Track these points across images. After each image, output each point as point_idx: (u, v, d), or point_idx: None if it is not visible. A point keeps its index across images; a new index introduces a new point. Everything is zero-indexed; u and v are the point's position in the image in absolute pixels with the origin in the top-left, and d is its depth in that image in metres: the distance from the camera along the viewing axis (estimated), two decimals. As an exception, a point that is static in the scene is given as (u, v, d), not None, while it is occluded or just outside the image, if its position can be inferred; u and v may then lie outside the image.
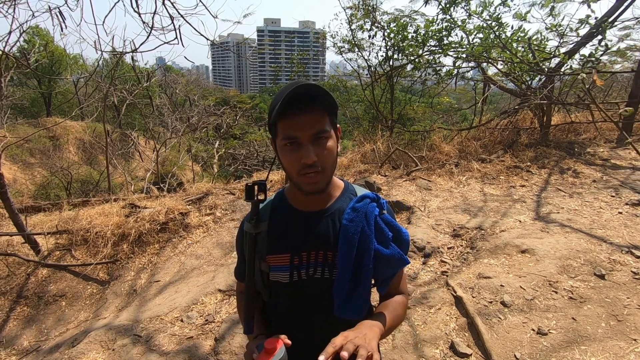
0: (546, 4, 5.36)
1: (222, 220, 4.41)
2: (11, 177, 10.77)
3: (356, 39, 7.84)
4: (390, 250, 0.95)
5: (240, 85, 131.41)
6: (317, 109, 0.85)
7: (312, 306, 0.99)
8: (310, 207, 0.97)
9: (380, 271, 0.97)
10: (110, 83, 7.36)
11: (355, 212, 0.95)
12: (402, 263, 0.98)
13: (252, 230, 0.95)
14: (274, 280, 0.98)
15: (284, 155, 0.88)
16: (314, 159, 0.84)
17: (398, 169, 5.51)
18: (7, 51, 3.90)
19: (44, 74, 15.01)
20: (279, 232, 0.98)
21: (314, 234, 0.96)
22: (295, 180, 0.89)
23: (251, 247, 0.95)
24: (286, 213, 0.99)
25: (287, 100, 0.81)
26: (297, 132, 0.84)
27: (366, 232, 0.93)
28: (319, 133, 0.85)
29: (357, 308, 0.95)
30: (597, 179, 4.37)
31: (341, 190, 1.02)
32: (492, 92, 7.92)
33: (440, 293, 2.66)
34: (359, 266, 0.93)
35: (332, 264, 0.96)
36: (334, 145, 0.88)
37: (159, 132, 11.98)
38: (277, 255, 0.96)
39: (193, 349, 2.38)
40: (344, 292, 0.93)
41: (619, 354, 1.96)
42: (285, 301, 1.00)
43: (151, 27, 3.02)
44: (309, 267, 0.96)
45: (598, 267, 2.63)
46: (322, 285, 0.96)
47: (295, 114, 0.83)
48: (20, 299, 3.56)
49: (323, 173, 0.87)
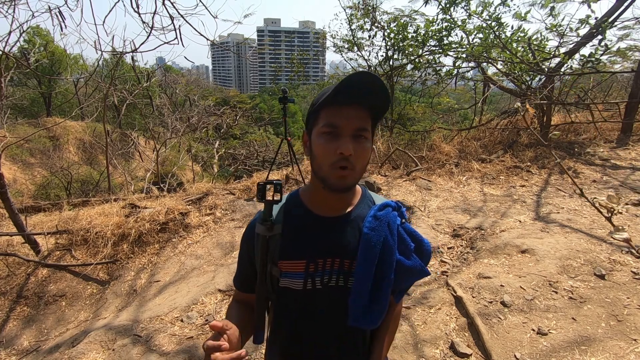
0: (546, 4, 5.36)
1: (222, 220, 4.41)
2: (11, 177, 10.76)
3: (356, 38, 7.85)
4: (412, 262, 0.92)
5: (240, 85, 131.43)
6: (365, 108, 0.83)
7: (324, 315, 0.94)
8: (329, 211, 0.93)
9: (399, 282, 0.93)
10: (110, 83, 7.36)
11: (378, 220, 0.90)
12: (423, 274, 0.94)
13: (266, 232, 0.90)
14: (283, 287, 0.93)
15: (319, 144, 0.84)
16: (351, 152, 0.81)
17: (398, 169, 5.51)
18: (7, 51, 3.90)
19: (44, 74, 14.99)
20: (294, 236, 0.92)
21: (332, 241, 0.91)
22: (324, 173, 0.85)
23: (264, 251, 0.91)
24: (302, 216, 0.94)
25: (349, 83, 0.78)
26: (342, 121, 0.81)
27: (389, 242, 0.89)
28: (360, 130, 0.83)
29: (375, 318, 0.91)
30: (597, 179, 4.37)
31: (359, 197, 0.98)
32: (492, 92, 7.92)
33: (440, 293, 2.66)
34: (380, 277, 0.89)
35: (348, 272, 0.91)
36: (369, 148, 0.86)
37: (159, 132, 11.98)
38: (291, 261, 0.91)
39: (193, 349, 2.38)
40: (362, 302, 0.89)
41: (619, 354, 1.96)
42: (295, 309, 0.95)
43: (151, 27, 3.02)
44: (324, 275, 0.91)
45: (598, 267, 2.63)
46: (337, 294, 0.92)
47: (345, 104, 0.82)
48: (20, 299, 3.56)
49: (353, 171, 0.84)
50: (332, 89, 0.80)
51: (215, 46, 3.52)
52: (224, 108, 15.36)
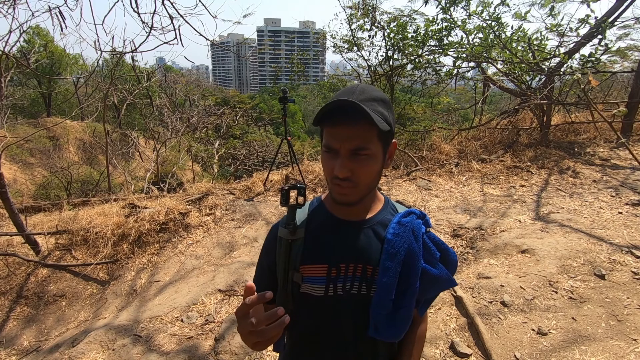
0: (546, 3, 5.36)
1: (222, 221, 4.41)
2: (11, 177, 10.76)
3: (356, 38, 7.85)
4: (438, 270, 0.89)
5: (240, 85, 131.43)
6: (363, 123, 0.77)
7: (344, 324, 0.91)
8: (351, 215, 0.91)
9: (425, 292, 0.91)
10: (110, 83, 7.37)
11: (402, 226, 0.88)
12: (450, 284, 0.91)
13: (289, 236, 0.88)
14: (304, 292, 0.90)
15: (322, 160, 0.85)
16: (347, 174, 0.79)
17: (398, 169, 5.51)
18: (7, 51, 3.90)
19: (44, 74, 15.00)
20: (316, 240, 0.90)
21: (354, 245, 0.88)
22: (329, 186, 0.86)
23: (286, 256, 0.89)
24: (324, 220, 0.92)
25: (331, 108, 0.77)
26: (336, 143, 0.79)
27: (414, 249, 0.86)
28: (358, 149, 0.78)
29: (397, 331, 0.88)
30: (597, 179, 4.37)
31: (382, 204, 0.96)
32: (492, 92, 7.92)
33: (441, 293, 2.66)
34: (404, 285, 0.86)
35: (371, 280, 0.88)
36: (375, 164, 0.82)
37: (159, 132, 11.98)
38: (313, 266, 0.88)
39: (193, 349, 2.38)
40: (384, 312, 0.86)
41: (619, 354, 1.96)
42: (314, 316, 0.92)
43: (150, 27, 3.02)
44: (346, 282, 0.88)
45: (598, 267, 2.63)
46: (358, 303, 0.89)
47: (338, 124, 0.78)
48: (20, 299, 3.56)
49: (356, 188, 0.82)
50: (324, 109, 0.78)
51: (215, 46, 3.52)
52: (224, 108, 15.35)
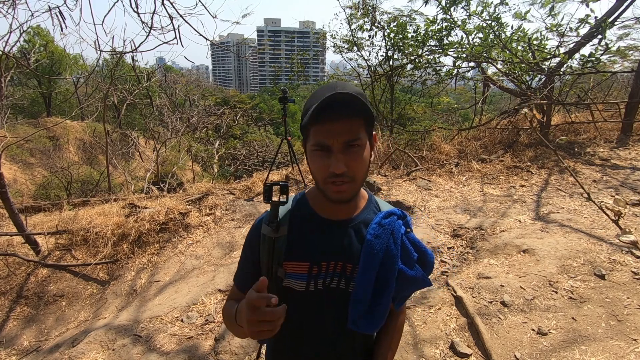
0: (546, 3, 5.36)
1: (222, 221, 4.41)
2: (11, 177, 10.76)
3: (356, 38, 7.85)
4: (414, 272, 0.92)
5: (240, 85, 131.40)
6: (352, 116, 0.80)
7: (325, 316, 0.96)
8: (334, 215, 0.93)
9: (401, 291, 0.95)
10: (110, 83, 7.37)
11: (382, 227, 0.91)
12: (424, 284, 0.95)
13: (272, 234, 0.90)
14: (286, 286, 0.94)
15: (313, 161, 0.84)
16: (344, 169, 0.79)
17: (398, 169, 5.51)
18: (7, 51, 3.89)
19: (44, 74, 15.00)
20: (299, 238, 0.93)
21: (337, 245, 0.92)
22: (321, 187, 0.85)
23: (270, 253, 0.91)
24: (308, 218, 0.94)
25: (322, 105, 0.77)
26: (329, 139, 0.79)
27: (392, 250, 0.89)
28: (351, 141, 0.80)
29: (375, 325, 0.93)
30: (597, 179, 4.37)
31: (365, 201, 0.98)
32: (492, 92, 7.92)
33: (440, 293, 2.66)
34: (381, 284, 0.90)
35: (350, 277, 0.92)
36: (366, 154, 0.84)
37: (159, 132, 11.99)
38: (295, 263, 0.92)
39: (193, 349, 2.38)
40: (362, 308, 0.90)
41: (619, 354, 1.96)
42: (296, 309, 0.94)
43: (150, 27, 3.02)
44: (327, 277, 0.93)
45: (598, 267, 2.63)
46: (337, 296, 0.93)
47: (328, 120, 0.79)
48: (20, 299, 3.56)
49: (352, 183, 0.83)
50: (312, 107, 0.78)
51: (214, 46, 3.52)
52: (224, 108, 15.37)
